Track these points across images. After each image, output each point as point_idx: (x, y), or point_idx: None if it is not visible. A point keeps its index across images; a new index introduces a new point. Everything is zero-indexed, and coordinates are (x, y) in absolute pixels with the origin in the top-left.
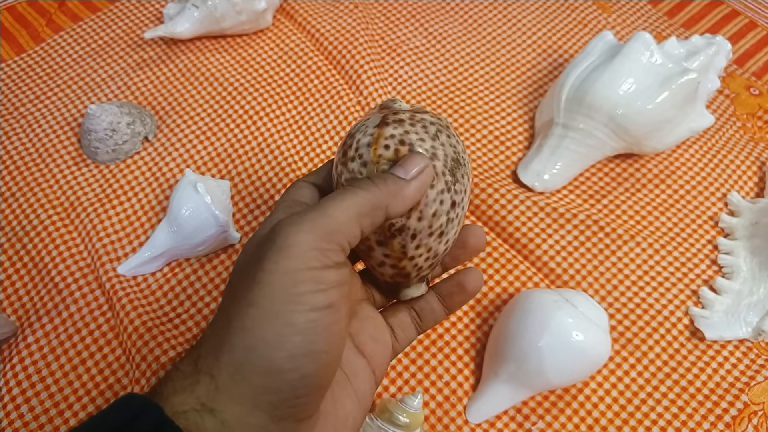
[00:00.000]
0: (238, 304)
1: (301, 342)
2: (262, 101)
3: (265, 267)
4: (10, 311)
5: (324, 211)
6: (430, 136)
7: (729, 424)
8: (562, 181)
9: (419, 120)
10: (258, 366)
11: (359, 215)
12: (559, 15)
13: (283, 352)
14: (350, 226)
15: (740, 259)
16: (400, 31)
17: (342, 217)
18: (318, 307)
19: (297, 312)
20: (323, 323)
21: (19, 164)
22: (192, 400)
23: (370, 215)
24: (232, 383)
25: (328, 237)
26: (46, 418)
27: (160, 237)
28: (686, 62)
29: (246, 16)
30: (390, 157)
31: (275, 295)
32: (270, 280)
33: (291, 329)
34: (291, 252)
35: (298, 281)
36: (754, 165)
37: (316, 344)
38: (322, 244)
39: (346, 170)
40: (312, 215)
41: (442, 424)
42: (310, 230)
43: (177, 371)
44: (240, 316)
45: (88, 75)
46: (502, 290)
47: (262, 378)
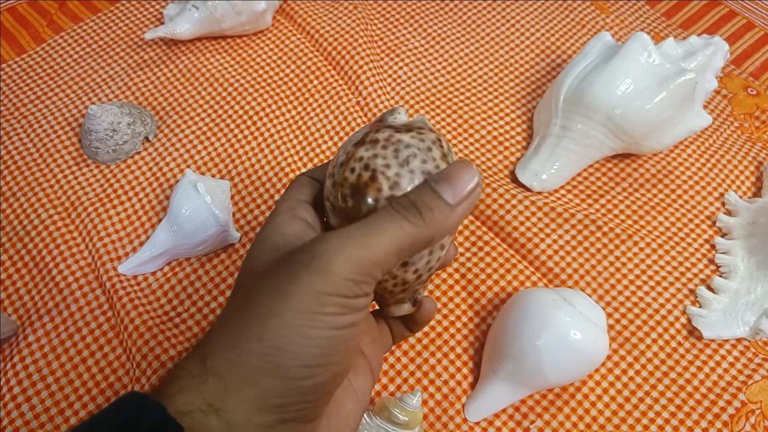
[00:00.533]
0: (260, 312)
1: (318, 354)
2: (262, 102)
3: (298, 283)
4: (11, 310)
5: (365, 240)
6: (399, 162)
7: (726, 422)
8: (560, 180)
9: (394, 142)
10: (273, 372)
11: (400, 250)
12: (557, 16)
13: (298, 362)
14: (389, 259)
15: (738, 259)
16: (399, 31)
17: (382, 252)
18: (341, 326)
19: (319, 328)
20: (342, 338)
21: (20, 164)
22: (198, 399)
23: (410, 249)
24: (244, 386)
25: (365, 269)
26: (46, 416)
27: (160, 236)
28: (684, 63)
29: (246, 17)
30: (352, 182)
31: (301, 311)
32: (299, 297)
33: (310, 342)
34: (326, 279)
35: (326, 304)
36: (751, 165)
37: (333, 357)
38: (358, 276)
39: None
40: (353, 243)
41: (440, 423)
42: (349, 261)
43: (183, 369)
44: (260, 324)
45: (88, 75)
46: (501, 289)
47: (276, 383)
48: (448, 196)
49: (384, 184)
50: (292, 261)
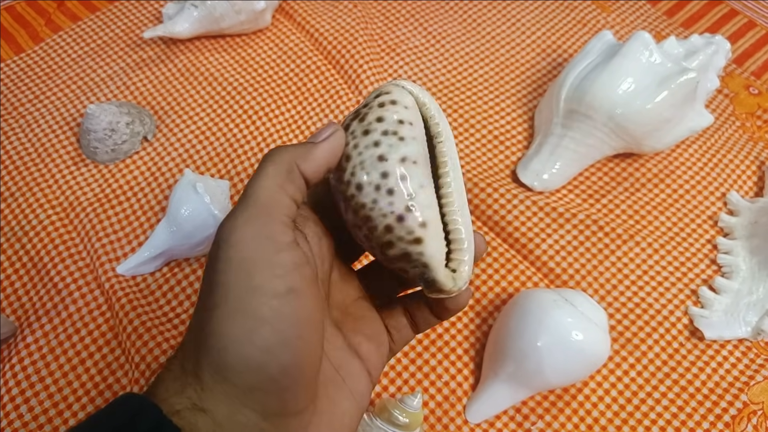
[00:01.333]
0: (205, 308)
1: (269, 333)
2: (262, 101)
3: (218, 267)
4: (10, 311)
5: (251, 198)
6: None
7: (728, 423)
8: (562, 180)
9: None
10: (234, 365)
11: (281, 186)
12: (558, 14)
13: (254, 347)
14: (279, 199)
15: (739, 259)
16: (399, 30)
17: (266, 195)
18: (278, 293)
19: (259, 303)
20: (289, 309)
21: (18, 164)
22: (184, 400)
23: (289, 180)
24: (215, 385)
25: (266, 220)
26: (45, 418)
27: (159, 237)
28: (685, 62)
29: (245, 16)
30: None
31: (234, 292)
32: (225, 278)
33: (256, 322)
34: (237, 247)
35: (252, 272)
36: (753, 164)
37: (286, 332)
38: (264, 229)
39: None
40: (243, 207)
41: (441, 424)
42: (248, 220)
43: (168, 372)
44: (208, 320)
45: (87, 75)
46: (502, 290)
47: (242, 377)
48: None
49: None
50: (211, 253)
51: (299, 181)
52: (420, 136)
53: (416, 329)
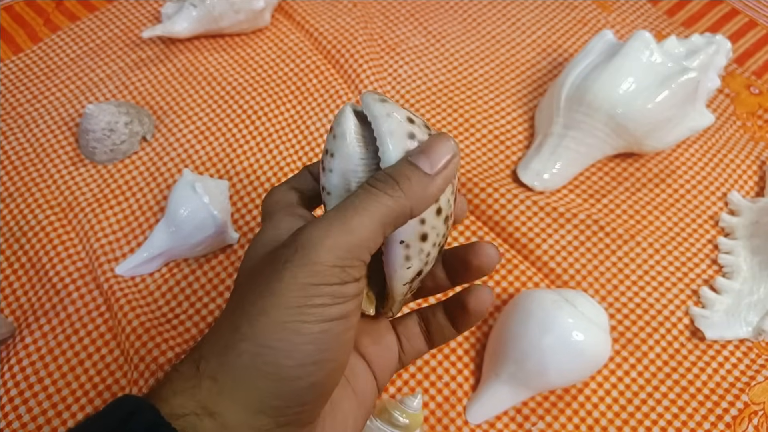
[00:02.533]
0: (248, 311)
1: (311, 351)
2: (261, 101)
3: (284, 278)
4: (8, 312)
5: (347, 225)
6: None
7: (729, 424)
8: (562, 180)
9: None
10: (266, 372)
11: (383, 225)
12: (558, 14)
13: (292, 361)
14: (373, 238)
15: (740, 259)
16: (399, 30)
17: (366, 232)
18: (332, 318)
19: (309, 323)
20: (335, 333)
21: (16, 164)
22: (192, 403)
23: (393, 224)
24: (237, 387)
25: (350, 253)
26: (44, 419)
27: (158, 237)
28: (686, 61)
29: (244, 15)
30: None
31: (288, 306)
32: (286, 292)
33: (302, 338)
34: (312, 269)
35: (314, 295)
36: (754, 164)
37: (326, 353)
38: (345, 262)
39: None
40: (335, 229)
41: (441, 425)
42: (333, 247)
43: (177, 373)
44: (249, 323)
45: (85, 74)
46: (502, 290)
47: (270, 384)
48: (426, 167)
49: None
50: (277, 256)
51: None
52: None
53: (431, 343)
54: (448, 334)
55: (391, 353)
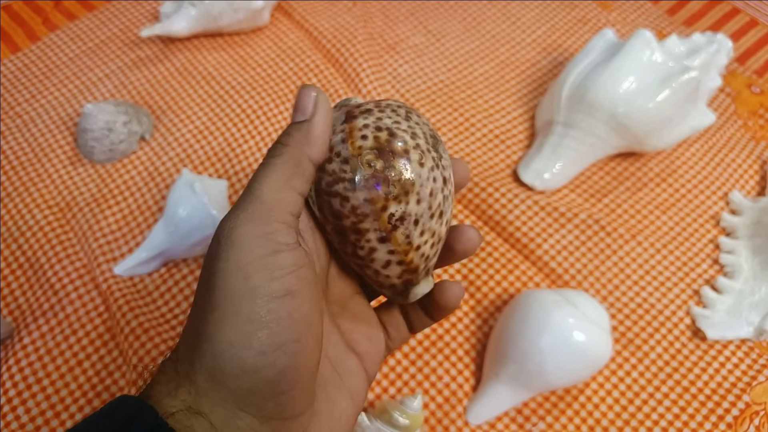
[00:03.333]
0: (202, 310)
1: (267, 336)
2: (260, 100)
3: (217, 268)
4: (6, 312)
5: (253, 195)
6: (403, 117)
7: (731, 424)
8: (563, 180)
9: (386, 106)
10: (230, 369)
11: (287, 181)
12: (559, 13)
13: (251, 351)
14: (285, 197)
15: (742, 258)
16: (399, 29)
17: (272, 194)
18: (276, 296)
19: (255, 306)
20: (285, 312)
21: (15, 164)
22: (178, 403)
23: (297, 174)
24: (211, 389)
25: (267, 219)
26: (42, 419)
27: (156, 237)
28: (687, 60)
29: (243, 14)
30: (372, 146)
31: (231, 294)
32: (223, 280)
33: (253, 325)
34: (236, 247)
35: (249, 274)
36: (755, 164)
37: (282, 335)
38: (264, 228)
39: (326, 174)
40: (244, 204)
41: (442, 426)
42: (248, 219)
43: (162, 374)
44: (204, 322)
45: (84, 74)
46: (503, 290)
47: (238, 381)
48: (298, 116)
49: (406, 136)
50: (209, 255)
51: (309, 171)
52: None
53: (412, 329)
54: (426, 321)
55: (380, 344)
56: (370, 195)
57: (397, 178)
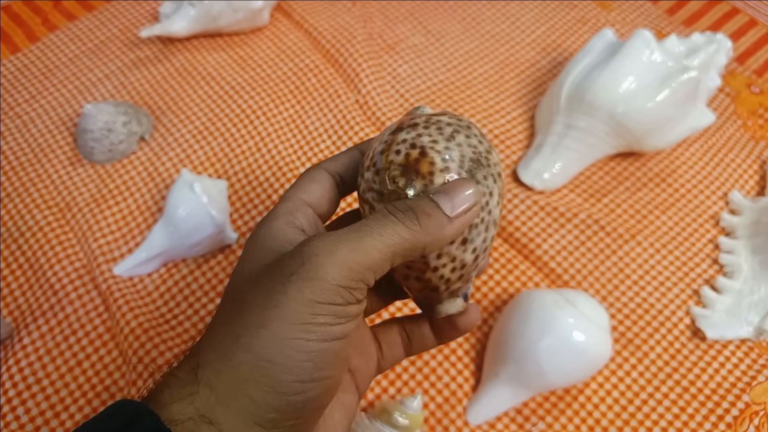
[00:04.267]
0: (249, 321)
1: (310, 368)
2: (260, 100)
3: (288, 291)
4: (6, 312)
5: (358, 245)
6: (445, 137)
7: (730, 424)
8: (563, 180)
9: (434, 122)
10: (263, 385)
11: (394, 255)
12: (558, 13)
13: (290, 376)
14: (383, 264)
15: (741, 258)
16: (398, 29)
17: (377, 256)
18: (334, 337)
19: (311, 341)
20: (335, 351)
21: (14, 164)
22: (191, 409)
23: (405, 255)
24: (233, 398)
25: (358, 275)
26: (42, 420)
27: (156, 237)
28: (687, 60)
29: (243, 15)
30: (401, 162)
31: (291, 321)
32: (290, 306)
33: (303, 356)
34: (318, 285)
35: (319, 313)
36: (755, 164)
37: (325, 371)
38: (351, 283)
39: (363, 180)
40: (344, 247)
41: (441, 426)
42: (341, 266)
43: (174, 378)
44: (250, 334)
45: (83, 74)
46: (503, 290)
47: (267, 397)
48: (447, 207)
49: (436, 158)
50: (282, 266)
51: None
52: None
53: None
54: (429, 344)
55: (372, 362)
56: None
57: None
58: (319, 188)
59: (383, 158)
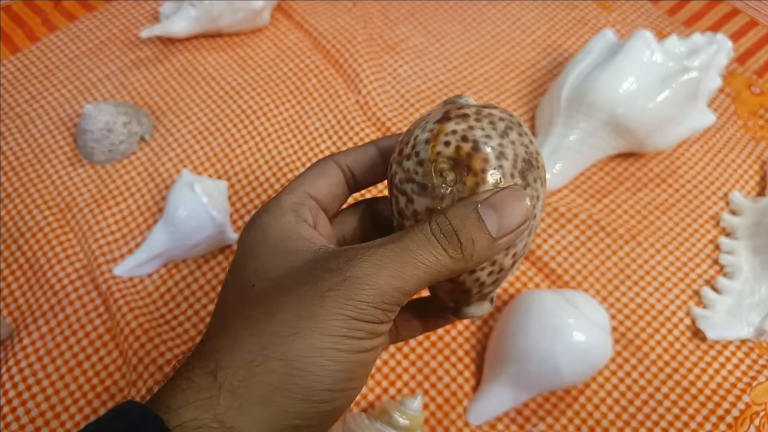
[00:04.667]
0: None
1: (343, 378)
2: (260, 100)
3: (326, 305)
4: (6, 313)
5: (399, 272)
6: (498, 133)
7: (731, 425)
8: (563, 180)
9: (486, 115)
10: (294, 393)
11: (432, 281)
12: (559, 13)
13: (322, 386)
14: (419, 289)
15: (742, 259)
16: (398, 29)
17: (415, 284)
18: (366, 350)
19: (345, 352)
20: (364, 362)
21: (14, 164)
22: (209, 416)
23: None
24: (260, 405)
25: (395, 300)
26: (42, 420)
27: (156, 238)
28: (687, 61)
29: (243, 15)
30: (450, 155)
31: (328, 334)
32: (326, 320)
33: (337, 366)
34: (357, 305)
35: (353, 328)
36: (755, 164)
37: (355, 381)
38: (387, 306)
39: (401, 169)
40: (386, 273)
41: (442, 426)
42: (381, 291)
43: (189, 382)
44: (281, 342)
45: (84, 74)
46: (503, 291)
47: (296, 405)
48: (493, 227)
49: (490, 154)
50: (320, 279)
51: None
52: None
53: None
54: (416, 330)
55: None
56: (432, 204)
57: (466, 196)
58: (327, 183)
59: (429, 148)
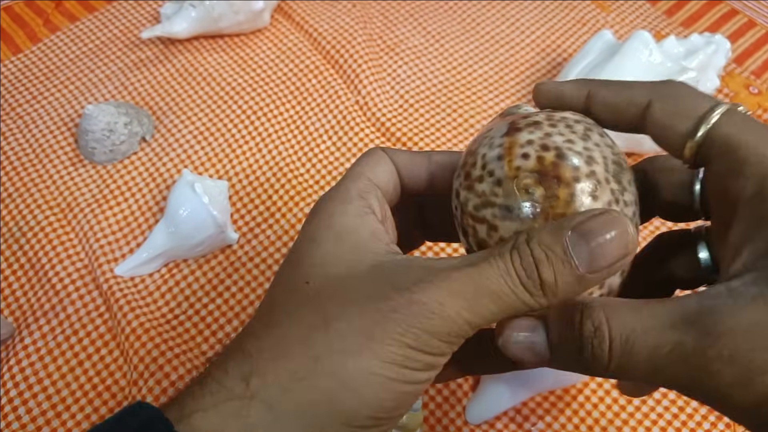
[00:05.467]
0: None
1: (390, 407)
2: (260, 101)
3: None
4: (8, 312)
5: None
6: (579, 136)
7: (729, 424)
8: None
9: (560, 119)
10: (338, 414)
11: (509, 315)
12: (557, 14)
13: (368, 411)
14: (493, 322)
15: None
16: (398, 30)
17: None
18: (418, 381)
19: (399, 382)
20: (415, 393)
21: (15, 165)
22: (238, 424)
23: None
24: (296, 421)
25: (463, 332)
26: (43, 420)
27: (157, 238)
28: (685, 61)
29: (243, 16)
30: (532, 168)
31: (386, 360)
32: (385, 343)
33: (389, 394)
34: (419, 335)
35: (411, 358)
36: None
37: (400, 410)
38: (453, 339)
39: (474, 194)
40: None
41: (441, 425)
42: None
43: (219, 385)
44: (333, 360)
45: (85, 75)
46: None
47: (335, 425)
48: (582, 261)
49: (578, 161)
50: (385, 296)
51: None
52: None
53: None
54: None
55: None
56: (523, 227)
57: (561, 211)
58: (386, 172)
59: (505, 164)
